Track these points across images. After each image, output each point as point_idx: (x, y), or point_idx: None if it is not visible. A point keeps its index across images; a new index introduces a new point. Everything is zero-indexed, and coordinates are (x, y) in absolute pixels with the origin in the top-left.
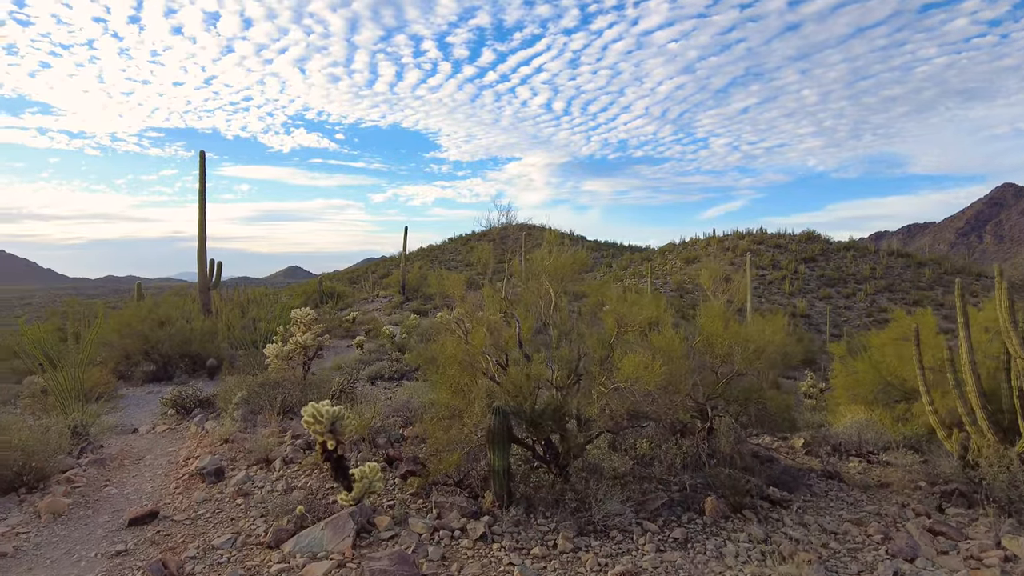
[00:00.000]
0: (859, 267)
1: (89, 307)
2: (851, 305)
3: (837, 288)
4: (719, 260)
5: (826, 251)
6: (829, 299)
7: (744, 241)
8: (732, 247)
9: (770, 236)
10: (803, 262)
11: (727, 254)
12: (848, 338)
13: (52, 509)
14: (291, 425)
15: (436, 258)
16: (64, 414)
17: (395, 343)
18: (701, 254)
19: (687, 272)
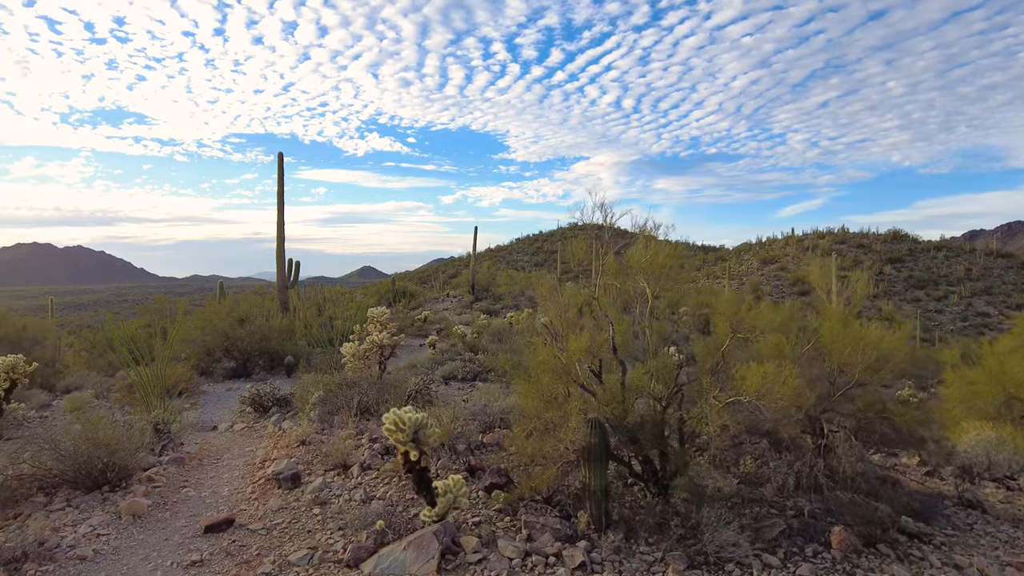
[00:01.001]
0: (952, 268)
1: (175, 305)
2: (943, 308)
3: (927, 290)
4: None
5: (914, 251)
6: (918, 302)
7: (825, 240)
8: (812, 247)
9: (853, 235)
10: (889, 262)
11: (807, 254)
12: (943, 343)
13: (132, 510)
14: (368, 427)
15: (504, 258)
16: (147, 410)
17: (467, 343)
18: (779, 254)
19: (765, 272)
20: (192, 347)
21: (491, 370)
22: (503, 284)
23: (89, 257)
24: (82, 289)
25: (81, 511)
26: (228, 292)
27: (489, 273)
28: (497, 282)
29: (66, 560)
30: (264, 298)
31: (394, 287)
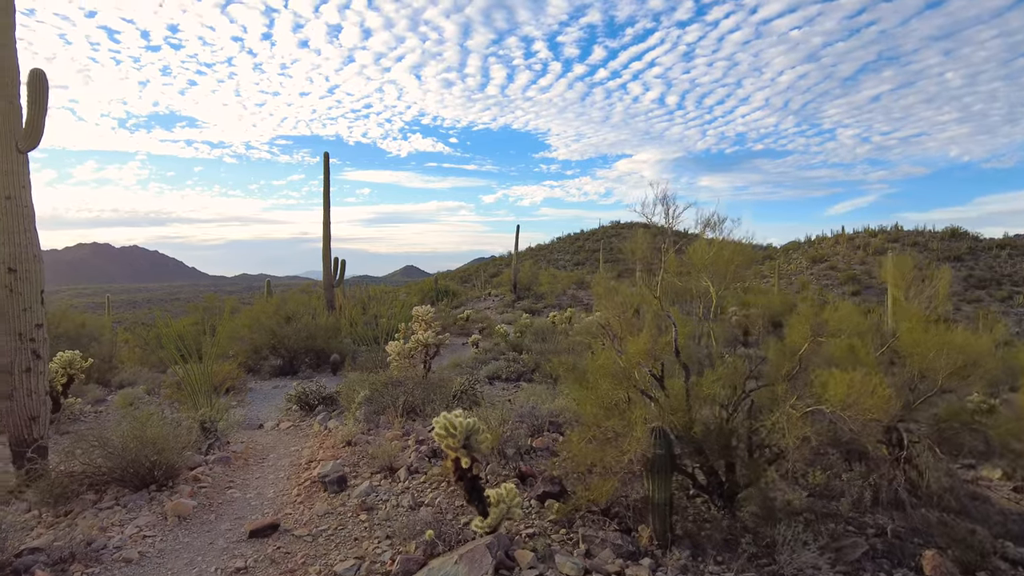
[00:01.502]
0: (1017, 267)
1: (222, 303)
2: (1008, 310)
3: (989, 290)
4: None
5: (974, 249)
6: (979, 302)
7: (877, 239)
8: (863, 245)
9: (907, 233)
10: (946, 261)
11: (858, 252)
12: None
13: (177, 512)
14: (414, 427)
15: (544, 257)
16: (194, 408)
17: (509, 342)
18: (829, 252)
19: (814, 271)
20: (240, 345)
21: (535, 370)
22: (545, 283)
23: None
24: (137, 287)
25: (128, 510)
26: (275, 291)
27: (531, 272)
28: (539, 281)
29: (112, 562)
30: (310, 296)
31: (436, 286)
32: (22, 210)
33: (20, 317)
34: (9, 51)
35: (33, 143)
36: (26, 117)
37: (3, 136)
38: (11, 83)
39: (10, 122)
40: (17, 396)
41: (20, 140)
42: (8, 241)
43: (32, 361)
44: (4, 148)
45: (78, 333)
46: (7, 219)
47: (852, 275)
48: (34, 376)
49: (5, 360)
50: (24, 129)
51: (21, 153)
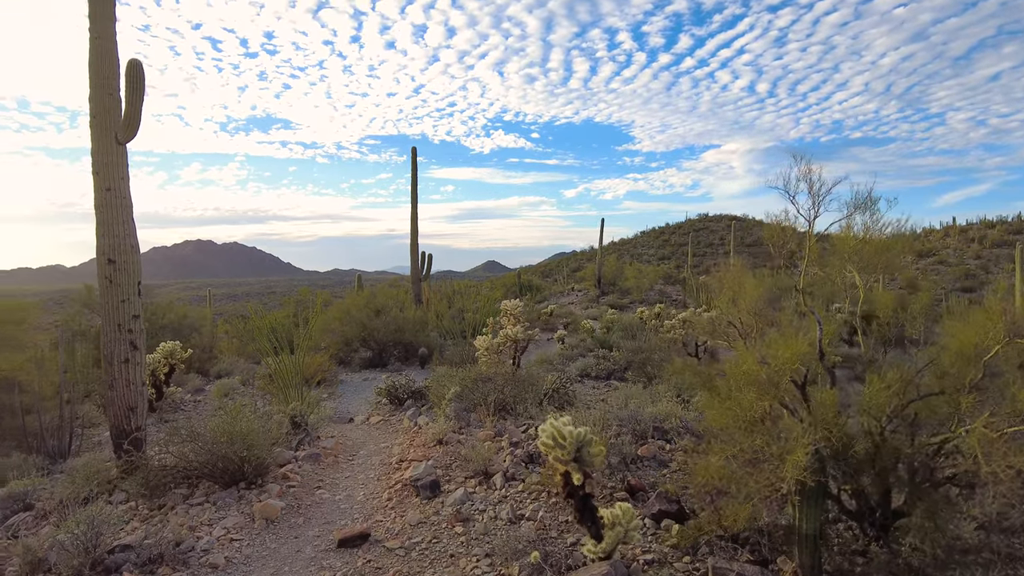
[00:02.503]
0: None
1: (315, 296)
2: None
3: None
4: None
5: None
6: None
7: (995, 231)
8: (978, 238)
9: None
10: None
11: (972, 245)
12: None
13: (265, 514)
14: (506, 427)
15: (628, 251)
16: (285, 402)
17: (596, 338)
18: (938, 246)
19: (921, 266)
20: (331, 337)
21: (627, 368)
22: (631, 278)
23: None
24: (237, 281)
25: (218, 508)
26: (366, 284)
27: (616, 267)
28: (624, 276)
29: (199, 567)
30: (398, 290)
31: (520, 281)
32: (121, 201)
33: (119, 308)
34: (109, 43)
35: (131, 134)
36: (124, 109)
37: (103, 128)
38: (111, 75)
39: (110, 114)
40: (117, 386)
41: (119, 132)
42: (108, 232)
43: (130, 352)
44: (104, 140)
45: (181, 324)
46: (107, 211)
47: (966, 270)
48: (132, 367)
49: (106, 351)
50: (123, 121)
51: (120, 145)
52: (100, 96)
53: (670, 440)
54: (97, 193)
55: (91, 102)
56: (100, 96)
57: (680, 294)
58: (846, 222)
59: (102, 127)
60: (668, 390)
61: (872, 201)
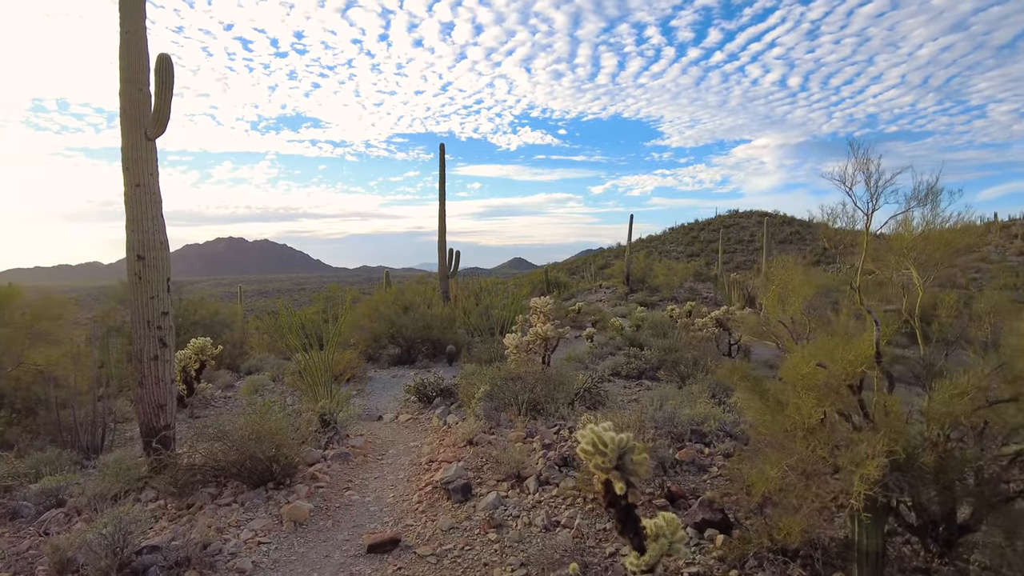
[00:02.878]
0: None
1: (345, 292)
2: None
3: None
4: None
5: None
6: None
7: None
8: (1021, 234)
9: None
10: None
11: (1015, 242)
12: None
13: (293, 516)
14: (537, 428)
15: (656, 248)
16: (314, 399)
17: (626, 336)
18: (978, 243)
19: (958, 264)
20: (360, 333)
21: (659, 367)
22: (661, 275)
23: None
24: (268, 278)
25: (246, 509)
26: (393, 281)
27: (645, 263)
28: (654, 273)
29: (226, 571)
30: (426, 287)
31: (547, 278)
32: (150, 197)
33: (148, 305)
34: (139, 37)
35: (160, 130)
36: (154, 103)
37: (133, 123)
38: (141, 69)
39: (140, 109)
40: (146, 383)
41: (149, 127)
42: (137, 228)
43: (159, 349)
44: (134, 135)
45: (212, 321)
46: (136, 206)
47: (1009, 267)
48: (161, 364)
49: (136, 348)
50: (152, 115)
51: (149, 140)
52: (130, 91)
53: (709, 443)
54: (127, 189)
55: (121, 97)
56: (130, 91)
57: (711, 291)
58: (903, 216)
59: (132, 123)
60: (702, 390)
61: (935, 193)
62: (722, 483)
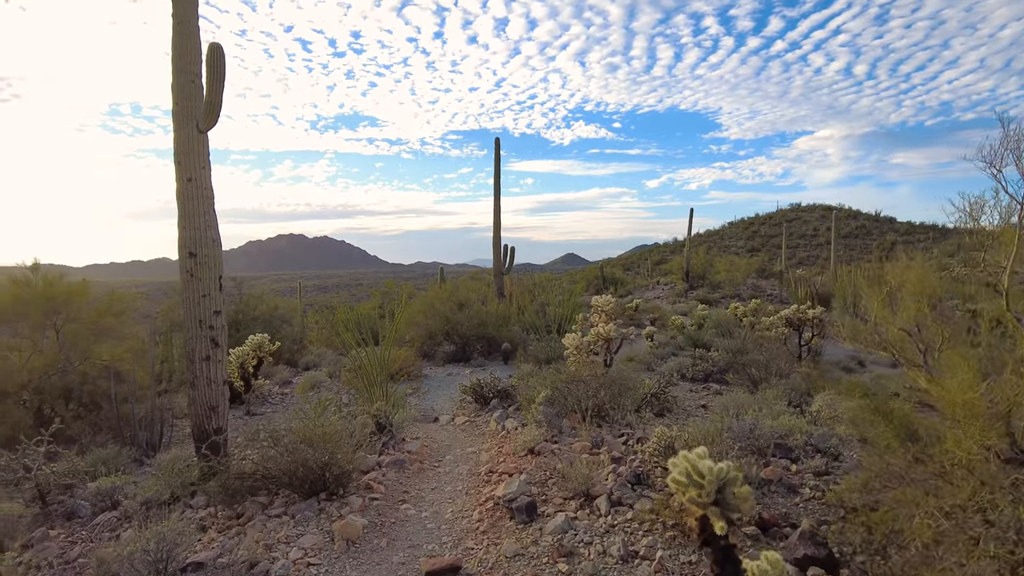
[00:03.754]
0: None
1: (401, 288)
2: None
3: None
4: None
5: None
6: None
7: None
8: None
9: None
10: None
11: None
12: None
13: (346, 534)
14: (603, 437)
15: (715, 243)
16: (370, 400)
17: (688, 335)
18: None
19: None
20: (416, 330)
21: (726, 369)
22: (722, 271)
23: (332, 246)
24: (327, 274)
25: (297, 523)
26: (447, 277)
27: (705, 259)
28: (715, 269)
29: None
30: (480, 283)
31: (602, 274)
32: (202, 192)
33: (200, 303)
34: (191, 26)
35: (212, 122)
36: (205, 96)
37: (185, 116)
38: (194, 60)
39: (192, 101)
40: (198, 385)
41: (200, 119)
42: (189, 224)
43: (211, 349)
44: (185, 128)
45: (272, 316)
46: (188, 202)
47: None
48: (213, 364)
49: (188, 348)
50: (204, 107)
51: (201, 133)
52: (182, 83)
53: (796, 459)
54: (179, 184)
55: (173, 90)
56: (182, 83)
57: (775, 288)
58: None
59: (184, 115)
60: (777, 396)
61: None
62: (817, 507)
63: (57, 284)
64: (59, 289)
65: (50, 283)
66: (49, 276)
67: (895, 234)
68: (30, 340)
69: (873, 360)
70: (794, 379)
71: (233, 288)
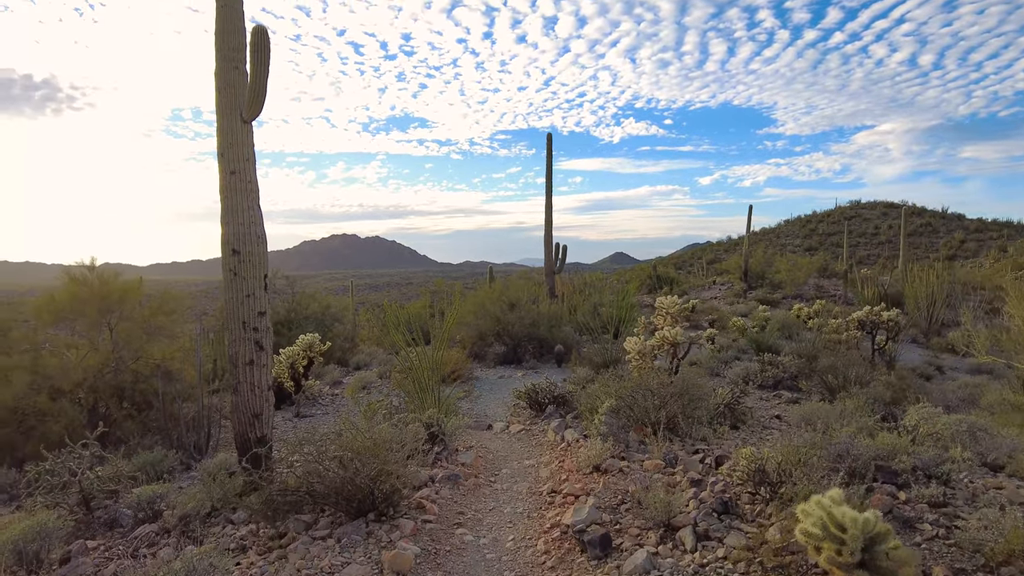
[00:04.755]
0: None
1: (451, 287)
2: None
3: None
4: None
5: None
6: None
7: None
8: None
9: None
10: None
11: None
12: None
13: (396, 567)
14: (676, 454)
15: (771, 242)
16: (421, 406)
17: (751, 337)
18: None
19: None
20: (466, 330)
21: (797, 376)
22: (783, 270)
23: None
24: (379, 273)
25: (343, 548)
26: (495, 277)
27: (764, 258)
28: (775, 268)
29: None
30: (529, 282)
31: (655, 272)
32: (246, 186)
33: (243, 304)
34: (235, 10)
35: (256, 111)
36: (249, 83)
37: (229, 106)
38: (238, 46)
39: (235, 89)
40: (241, 390)
41: (244, 108)
42: (232, 220)
43: (255, 353)
44: (229, 118)
45: (324, 314)
46: (232, 196)
47: None
48: (256, 369)
49: (231, 351)
50: (248, 95)
51: (245, 123)
52: (226, 70)
53: (904, 486)
54: (222, 177)
55: (216, 77)
56: (226, 70)
57: (839, 289)
58: None
59: (227, 104)
60: (859, 407)
61: None
62: (944, 549)
63: (111, 282)
64: (113, 287)
65: (105, 281)
66: (104, 274)
67: (964, 232)
68: (87, 339)
69: (952, 366)
70: (875, 387)
71: (286, 286)
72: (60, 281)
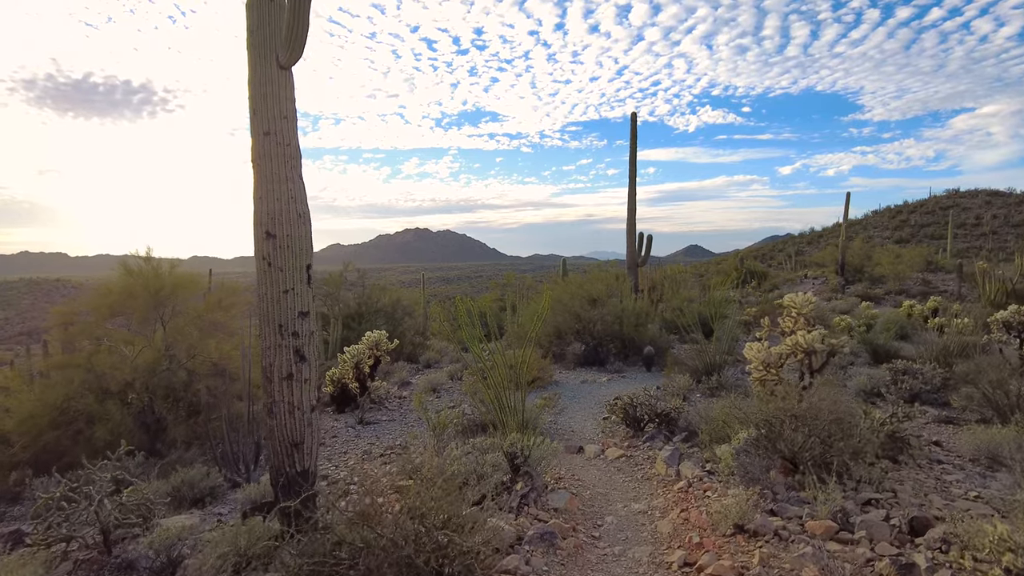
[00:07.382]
0: None
1: (522, 280)
2: None
3: None
4: None
5: None
6: None
7: None
8: None
9: None
10: None
11: None
12: None
13: None
14: (847, 509)
15: (857, 233)
16: (499, 423)
17: (863, 339)
18: None
19: None
20: (543, 327)
21: (941, 388)
22: (885, 263)
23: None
24: (450, 266)
25: None
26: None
27: (863, 250)
28: (875, 260)
29: None
30: (606, 274)
31: (742, 266)
32: (283, 150)
33: (279, 302)
34: None
35: (296, 55)
36: (286, 19)
37: (261, 46)
38: None
39: (271, 27)
40: (276, 413)
41: (280, 51)
42: (266, 194)
43: (294, 364)
44: (263, 65)
45: (394, 308)
46: (267, 163)
47: None
48: (297, 385)
49: (264, 362)
50: (285, 34)
51: (283, 69)
52: (260, 3)
53: None
54: (254, 140)
55: (248, 11)
56: (260, 3)
57: (948, 284)
58: None
59: (260, 45)
60: None
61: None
62: None
63: (163, 275)
64: (165, 280)
65: (156, 274)
66: (159, 266)
67: None
68: (143, 334)
69: None
70: None
71: (357, 279)
72: (117, 272)
